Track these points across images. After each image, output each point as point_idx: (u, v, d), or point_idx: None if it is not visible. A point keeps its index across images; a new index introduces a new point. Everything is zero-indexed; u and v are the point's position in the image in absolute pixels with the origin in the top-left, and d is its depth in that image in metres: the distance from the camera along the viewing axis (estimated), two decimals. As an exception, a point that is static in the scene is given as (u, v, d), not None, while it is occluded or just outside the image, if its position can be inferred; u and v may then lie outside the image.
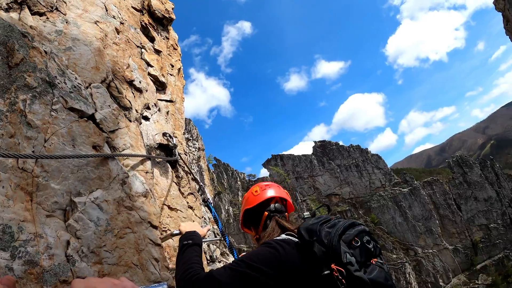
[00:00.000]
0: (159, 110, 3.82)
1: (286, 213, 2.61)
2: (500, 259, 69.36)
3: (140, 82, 3.42)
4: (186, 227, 2.57)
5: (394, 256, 63.90)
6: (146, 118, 3.46)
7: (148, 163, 3.04)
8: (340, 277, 1.66)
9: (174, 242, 3.07)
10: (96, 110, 2.55)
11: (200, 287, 1.79)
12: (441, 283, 65.75)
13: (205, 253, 5.12)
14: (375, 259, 1.83)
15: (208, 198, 3.67)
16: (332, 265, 1.72)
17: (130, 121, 2.98)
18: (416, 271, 66.07)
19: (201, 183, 4.01)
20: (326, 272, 1.73)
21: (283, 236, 2.15)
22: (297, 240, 2.02)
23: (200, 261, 2.12)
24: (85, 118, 2.41)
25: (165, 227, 3.09)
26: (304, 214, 2.42)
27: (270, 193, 2.66)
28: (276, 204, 2.59)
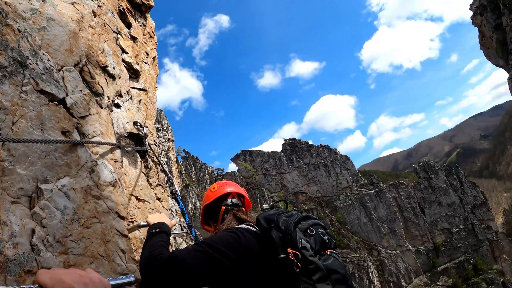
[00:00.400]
0: (131, 98, 3.75)
1: (243, 208, 2.69)
2: (461, 262, 71.49)
3: (114, 68, 3.34)
4: (154, 218, 2.59)
5: (358, 255, 64.91)
6: (118, 106, 3.40)
7: (118, 152, 2.98)
8: (296, 261, 1.74)
9: (141, 233, 3.03)
10: (67, 94, 2.46)
11: (163, 267, 1.82)
12: (403, 283, 67.22)
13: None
14: (330, 250, 1.91)
15: (176, 191, 3.65)
16: (288, 249, 1.80)
17: (102, 107, 2.91)
18: (379, 270, 67.33)
19: (169, 175, 3.97)
20: (282, 256, 1.82)
21: (243, 225, 2.21)
22: (255, 229, 2.10)
23: (166, 245, 2.14)
24: (56, 102, 2.32)
25: (132, 218, 3.04)
26: (264, 206, 2.54)
27: (227, 189, 2.77)
28: (233, 199, 2.69)
